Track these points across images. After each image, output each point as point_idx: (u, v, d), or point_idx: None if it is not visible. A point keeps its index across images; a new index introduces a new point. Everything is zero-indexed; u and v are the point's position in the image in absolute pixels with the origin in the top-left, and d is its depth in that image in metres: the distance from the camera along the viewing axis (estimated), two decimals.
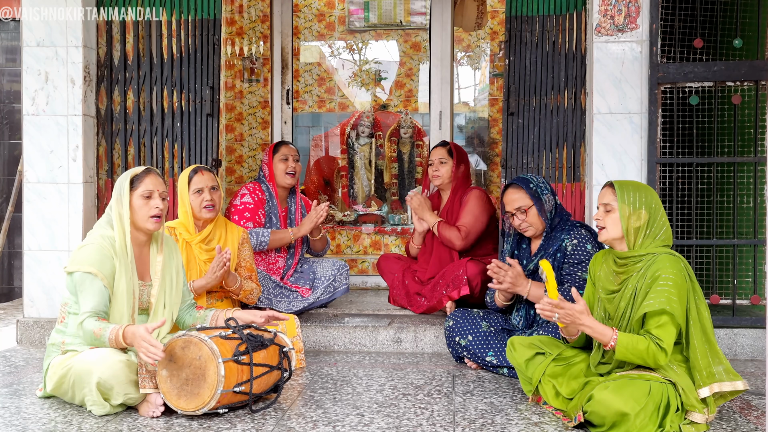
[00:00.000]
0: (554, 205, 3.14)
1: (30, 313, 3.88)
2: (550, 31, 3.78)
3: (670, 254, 2.46)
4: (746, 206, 3.67)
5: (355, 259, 5.44)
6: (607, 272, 2.60)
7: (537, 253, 3.14)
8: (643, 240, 2.50)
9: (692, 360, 2.44)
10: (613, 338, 2.39)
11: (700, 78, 3.51)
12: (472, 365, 3.28)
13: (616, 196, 2.52)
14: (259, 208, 3.86)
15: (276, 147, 4.01)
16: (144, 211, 2.71)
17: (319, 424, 2.47)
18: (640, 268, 2.47)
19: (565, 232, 3.08)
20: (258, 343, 2.61)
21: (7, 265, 5.51)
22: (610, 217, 2.53)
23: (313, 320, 3.78)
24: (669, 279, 2.39)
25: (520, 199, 3.12)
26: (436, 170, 4.03)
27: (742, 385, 2.44)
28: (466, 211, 3.92)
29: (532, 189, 3.11)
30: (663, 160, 3.54)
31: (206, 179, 3.29)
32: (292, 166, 3.94)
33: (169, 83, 3.93)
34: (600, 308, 2.61)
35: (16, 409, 2.63)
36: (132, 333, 2.48)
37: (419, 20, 5.85)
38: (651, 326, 2.39)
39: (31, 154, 3.85)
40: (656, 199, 2.54)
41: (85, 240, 2.72)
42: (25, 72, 3.85)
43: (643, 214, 2.49)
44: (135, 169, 2.78)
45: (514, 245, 3.26)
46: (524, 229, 3.14)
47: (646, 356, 2.36)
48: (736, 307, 3.56)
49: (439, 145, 4.13)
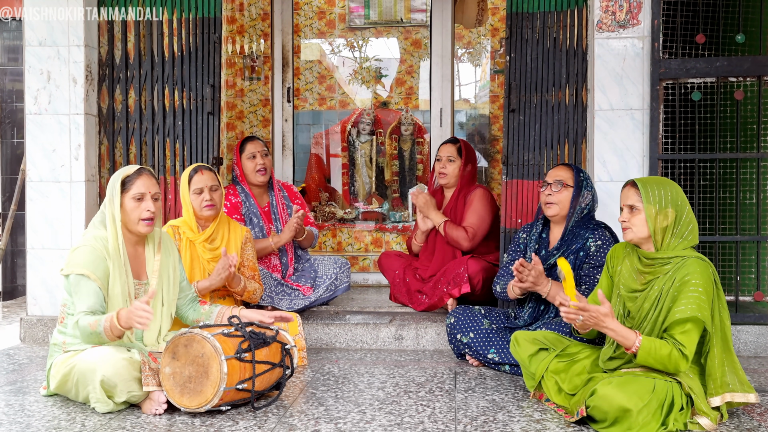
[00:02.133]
0: (588, 206, 3.10)
1: (33, 311, 3.89)
2: (551, 28, 3.77)
3: (699, 259, 2.40)
4: (749, 202, 3.66)
5: (356, 257, 5.44)
6: (629, 269, 2.54)
7: (558, 247, 3.10)
8: (671, 239, 2.43)
9: (709, 368, 2.41)
10: (637, 342, 2.33)
11: (702, 74, 3.50)
12: (473, 362, 3.28)
13: (640, 195, 2.45)
14: (234, 214, 3.80)
15: (242, 145, 3.88)
16: (135, 213, 2.69)
17: (321, 421, 2.47)
18: (668, 271, 2.41)
19: (590, 231, 3.04)
20: (260, 340, 2.61)
21: (10, 264, 5.52)
22: (637, 218, 2.45)
23: (315, 318, 3.79)
24: (699, 285, 2.33)
25: (565, 176, 3.10)
26: (443, 167, 3.98)
27: (754, 398, 2.42)
28: (472, 210, 3.89)
29: (580, 177, 3.10)
30: (665, 157, 3.53)
31: (206, 179, 3.28)
32: (261, 162, 3.82)
33: (170, 82, 3.93)
34: (619, 304, 2.55)
35: (20, 407, 2.64)
36: (126, 310, 2.46)
37: (420, 17, 5.84)
38: (675, 331, 2.34)
39: (34, 153, 3.86)
40: (681, 194, 2.46)
41: (79, 241, 2.71)
42: (28, 71, 3.86)
43: (670, 213, 2.42)
44: (127, 168, 2.74)
45: (537, 237, 3.21)
46: (549, 203, 3.09)
47: (667, 362, 2.32)
48: (739, 303, 3.56)
49: (449, 142, 4.05)
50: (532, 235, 3.24)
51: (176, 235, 3.27)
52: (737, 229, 3.53)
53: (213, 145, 3.91)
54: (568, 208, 3.09)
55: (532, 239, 3.23)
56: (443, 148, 4.02)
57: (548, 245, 3.19)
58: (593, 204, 3.13)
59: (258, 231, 3.86)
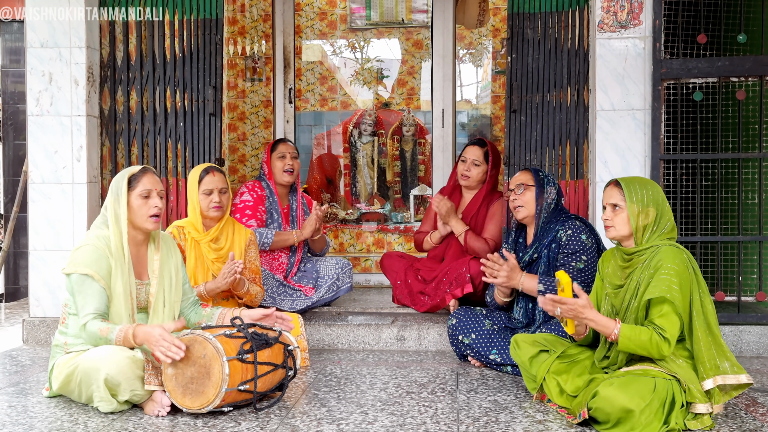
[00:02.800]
0: (554, 201, 3.15)
1: (36, 313, 3.89)
2: (552, 28, 3.77)
3: (672, 246, 2.48)
4: (751, 202, 3.66)
5: (358, 258, 5.45)
6: (614, 268, 2.62)
7: (532, 244, 3.16)
8: (650, 236, 2.52)
9: (696, 352, 2.45)
10: (616, 329, 2.40)
11: (703, 73, 3.50)
12: (475, 363, 3.28)
13: (623, 194, 2.53)
14: (258, 205, 3.87)
15: (274, 145, 4.02)
16: (143, 210, 2.72)
17: (323, 422, 2.47)
18: (644, 260, 2.49)
19: (560, 223, 3.10)
20: (263, 341, 2.61)
21: (12, 265, 5.53)
22: (619, 216, 2.54)
23: (317, 319, 3.79)
24: (671, 268, 2.40)
25: (525, 179, 3.18)
26: (467, 170, 3.92)
27: (746, 378, 2.45)
28: (494, 222, 3.87)
29: (540, 176, 3.16)
30: (667, 157, 3.53)
31: (217, 180, 3.30)
32: (289, 163, 3.94)
33: (171, 83, 3.94)
34: (607, 304, 2.62)
35: (22, 408, 2.64)
36: (146, 333, 2.49)
37: (421, 18, 5.84)
38: (654, 316, 2.41)
39: (36, 155, 3.87)
40: (661, 193, 2.55)
41: (81, 241, 2.72)
42: (29, 73, 3.86)
43: (651, 211, 2.51)
44: (131, 168, 2.77)
45: (513, 241, 3.29)
46: (517, 207, 3.17)
47: (649, 346, 2.38)
48: (741, 303, 3.55)
49: (476, 144, 3.95)
50: (510, 242, 3.31)
51: (181, 235, 3.28)
52: (739, 230, 3.52)
53: (215, 147, 3.92)
54: (534, 207, 3.14)
55: (510, 246, 3.30)
56: (469, 150, 3.94)
57: (525, 245, 3.25)
58: (559, 198, 3.17)
59: (276, 227, 3.92)
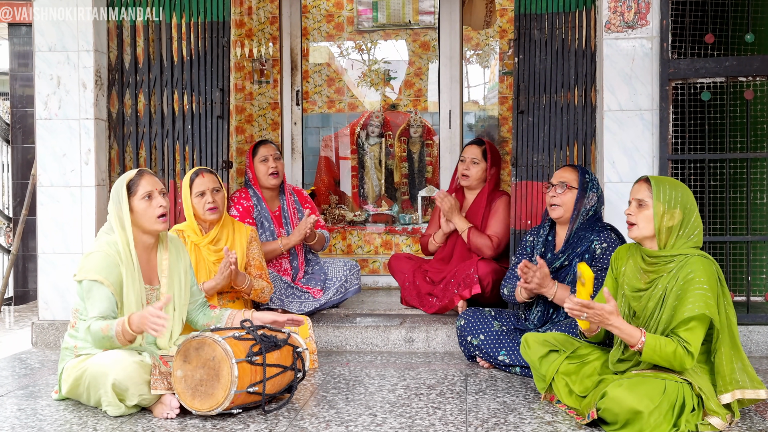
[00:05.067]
0: (593, 208, 3.09)
1: (45, 316, 3.91)
2: (559, 29, 3.77)
3: (702, 257, 2.41)
4: (760, 202, 3.64)
5: (366, 259, 5.44)
6: (633, 269, 2.55)
7: (564, 250, 3.09)
8: (676, 240, 2.44)
9: (717, 365, 2.40)
10: (641, 340, 2.34)
11: (711, 73, 3.48)
12: (484, 364, 3.27)
13: (651, 192, 2.46)
14: (246, 218, 3.82)
15: (255, 149, 3.95)
16: (149, 212, 2.69)
17: (332, 424, 2.47)
18: (672, 269, 2.41)
19: (595, 233, 3.02)
20: (271, 343, 2.62)
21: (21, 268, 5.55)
22: (643, 213, 2.46)
23: (325, 321, 3.79)
24: (705, 282, 2.34)
25: (570, 178, 3.10)
26: (466, 169, 3.94)
27: (765, 394, 2.41)
28: (497, 219, 3.86)
29: (585, 179, 3.09)
30: (675, 157, 3.52)
31: (207, 181, 3.30)
32: (273, 166, 3.88)
33: (179, 86, 3.95)
34: (624, 305, 2.56)
35: (32, 411, 2.65)
36: (138, 315, 2.47)
37: (428, 19, 5.84)
38: (680, 329, 2.34)
39: (44, 158, 3.89)
40: (692, 199, 2.47)
41: (91, 247, 2.72)
42: (38, 76, 3.88)
43: (678, 214, 2.43)
44: (127, 174, 2.75)
45: (543, 238, 3.20)
46: (554, 205, 3.09)
47: (672, 359, 2.32)
48: (750, 303, 3.54)
49: (474, 144, 4.00)
50: (539, 237, 3.23)
51: (181, 239, 3.28)
52: (748, 229, 3.51)
53: (222, 149, 3.93)
54: (572, 210, 3.08)
55: (539, 242, 3.22)
56: (468, 149, 3.97)
57: (554, 248, 3.18)
58: (599, 206, 3.11)
59: (269, 235, 3.87)
